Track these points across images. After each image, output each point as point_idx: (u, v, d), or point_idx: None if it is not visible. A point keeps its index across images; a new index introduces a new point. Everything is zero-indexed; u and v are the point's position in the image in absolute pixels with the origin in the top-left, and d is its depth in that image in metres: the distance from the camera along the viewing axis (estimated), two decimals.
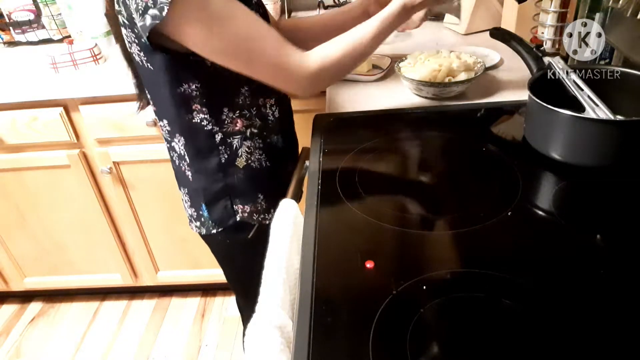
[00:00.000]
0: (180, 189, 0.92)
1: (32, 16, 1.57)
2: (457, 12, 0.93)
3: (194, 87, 0.76)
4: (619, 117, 0.72)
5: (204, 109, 0.78)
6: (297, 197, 0.78)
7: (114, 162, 1.41)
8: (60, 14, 1.54)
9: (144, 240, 1.60)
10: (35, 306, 1.84)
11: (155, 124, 1.31)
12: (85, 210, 1.51)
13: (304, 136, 0.97)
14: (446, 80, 0.97)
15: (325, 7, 1.68)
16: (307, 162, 0.84)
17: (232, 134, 0.82)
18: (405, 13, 0.78)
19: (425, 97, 1.00)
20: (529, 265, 0.56)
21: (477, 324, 0.49)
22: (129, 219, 1.54)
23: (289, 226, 0.68)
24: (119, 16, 0.73)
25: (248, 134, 0.83)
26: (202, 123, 0.79)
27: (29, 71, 1.38)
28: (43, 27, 1.58)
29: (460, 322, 0.50)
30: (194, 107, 0.78)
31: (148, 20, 0.66)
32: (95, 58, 1.36)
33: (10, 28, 1.60)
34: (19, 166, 1.42)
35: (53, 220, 1.55)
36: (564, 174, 0.72)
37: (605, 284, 0.53)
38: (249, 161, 0.85)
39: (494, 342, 0.47)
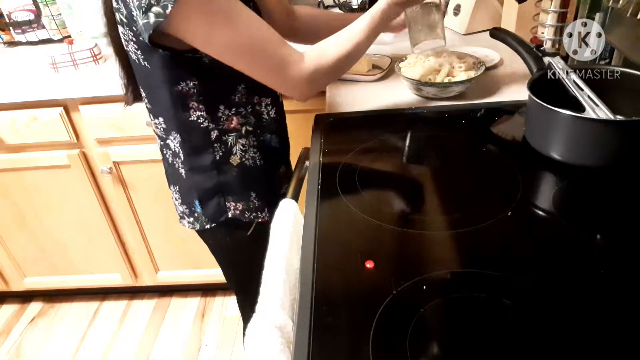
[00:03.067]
0: (170, 187, 0.93)
1: (32, 16, 1.57)
2: (440, 34, 0.91)
3: (191, 84, 0.77)
4: (619, 117, 0.72)
5: (200, 107, 0.79)
6: (297, 197, 0.78)
7: (114, 162, 1.41)
8: (60, 14, 1.54)
9: (144, 240, 1.60)
10: (35, 306, 1.84)
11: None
12: (85, 210, 1.51)
13: (303, 136, 0.97)
14: (446, 80, 0.97)
15: (325, 7, 1.68)
16: (307, 162, 0.84)
17: (227, 132, 0.83)
18: (392, 9, 0.79)
19: (426, 97, 1.00)
20: (529, 265, 0.56)
21: (477, 324, 0.49)
22: (129, 219, 1.54)
23: (289, 226, 0.68)
24: (117, 14, 0.73)
25: (243, 131, 0.84)
26: (199, 120, 0.80)
27: (29, 71, 1.38)
28: (43, 27, 1.58)
29: (460, 322, 0.50)
30: (190, 105, 0.79)
31: (152, 19, 0.66)
32: (95, 58, 1.36)
33: (10, 28, 1.59)
34: (19, 166, 1.42)
35: (53, 220, 1.55)
36: (564, 174, 0.72)
37: (605, 284, 0.53)
38: (243, 159, 0.85)
39: (494, 342, 0.47)
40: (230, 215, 0.88)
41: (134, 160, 1.41)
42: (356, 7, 1.60)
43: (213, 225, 0.89)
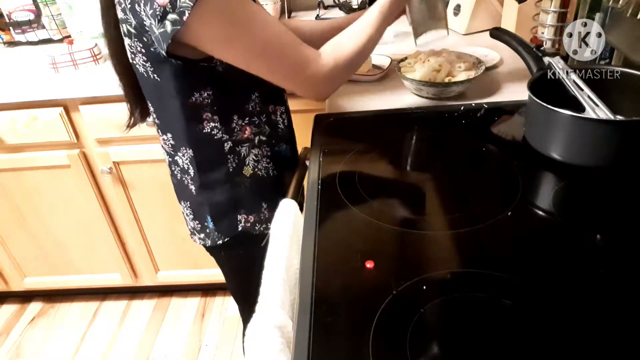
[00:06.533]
0: (180, 203, 0.90)
1: (32, 16, 1.57)
2: (444, 24, 0.89)
3: (205, 94, 0.75)
4: (619, 117, 0.72)
5: (214, 117, 0.77)
6: (297, 197, 0.78)
7: (114, 162, 1.41)
8: (60, 14, 1.54)
9: (144, 240, 1.60)
10: (35, 306, 1.84)
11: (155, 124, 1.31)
12: (85, 210, 1.51)
13: (304, 136, 0.97)
14: (446, 80, 0.97)
15: (325, 7, 1.68)
16: (307, 162, 0.84)
17: (240, 142, 0.81)
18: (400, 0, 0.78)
19: (425, 97, 1.00)
20: (529, 265, 0.56)
21: (477, 324, 0.49)
22: (129, 219, 1.54)
23: (289, 226, 0.68)
24: (124, 25, 0.70)
25: (256, 141, 0.82)
26: (212, 132, 0.78)
27: (29, 71, 1.38)
28: (43, 27, 1.58)
29: (460, 322, 0.50)
30: (204, 117, 0.77)
31: (169, 27, 0.63)
32: (95, 58, 1.36)
33: (10, 28, 1.60)
34: (19, 166, 1.42)
35: (53, 220, 1.55)
36: (564, 174, 0.72)
37: (605, 284, 0.53)
38: (256, 169, 0.84)
39: (494, 342, 0.47)
40: (240, 229, 0.85)
41: (134, 160, 1.41)
42: (356, 7, 1.60)
43: (225, 240, 0.87)
